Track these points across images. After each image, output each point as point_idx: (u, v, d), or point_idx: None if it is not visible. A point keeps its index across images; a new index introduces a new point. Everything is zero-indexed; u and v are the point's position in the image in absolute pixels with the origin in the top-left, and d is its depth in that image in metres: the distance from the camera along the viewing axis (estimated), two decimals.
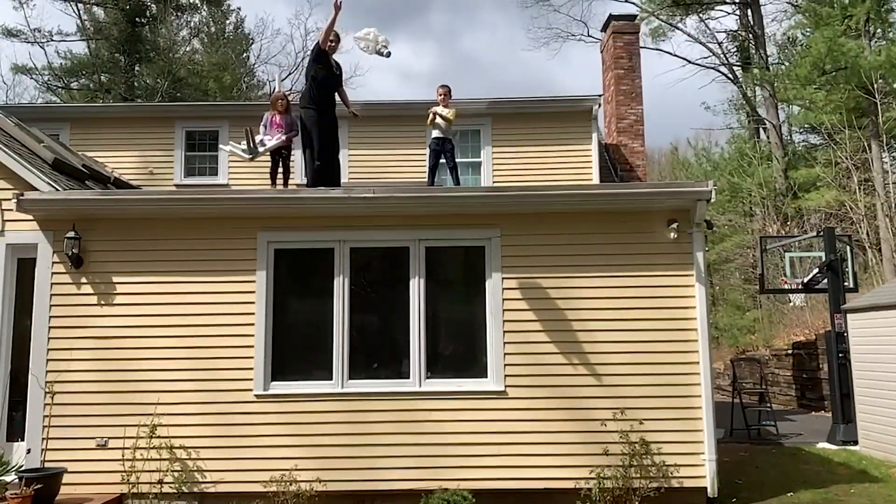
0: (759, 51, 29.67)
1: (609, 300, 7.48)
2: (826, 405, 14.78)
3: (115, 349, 7.41)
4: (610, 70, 15.44)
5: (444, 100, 9.71)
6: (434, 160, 9.81)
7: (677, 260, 7.51)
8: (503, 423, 7.31)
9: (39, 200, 7.44)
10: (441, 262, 7.86)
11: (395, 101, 14.29)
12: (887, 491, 7.82)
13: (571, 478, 7.06)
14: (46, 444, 7.19)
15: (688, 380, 7.31)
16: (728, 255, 28.38)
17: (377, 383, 7.49)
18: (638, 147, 14.95)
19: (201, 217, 7.67)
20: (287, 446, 7.24)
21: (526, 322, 7.47)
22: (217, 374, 7.40)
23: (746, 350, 22.19)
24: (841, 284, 12.11)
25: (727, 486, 7.70)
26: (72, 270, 7.52)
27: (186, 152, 13.61)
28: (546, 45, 45.43)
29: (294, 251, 7.77)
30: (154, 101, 26.31)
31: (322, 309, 7.62)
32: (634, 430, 7.10)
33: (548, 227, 7.62)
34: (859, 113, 22.75)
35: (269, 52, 61.59)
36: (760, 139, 30.10)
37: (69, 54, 30.32)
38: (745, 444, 11.34)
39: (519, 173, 13.09)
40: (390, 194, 7.64)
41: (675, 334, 7.39)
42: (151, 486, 7.02)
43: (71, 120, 13.75)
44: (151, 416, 7.17)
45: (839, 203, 21.86)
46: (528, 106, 13.64)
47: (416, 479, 7.15)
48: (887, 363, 9.63)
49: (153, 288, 7.54)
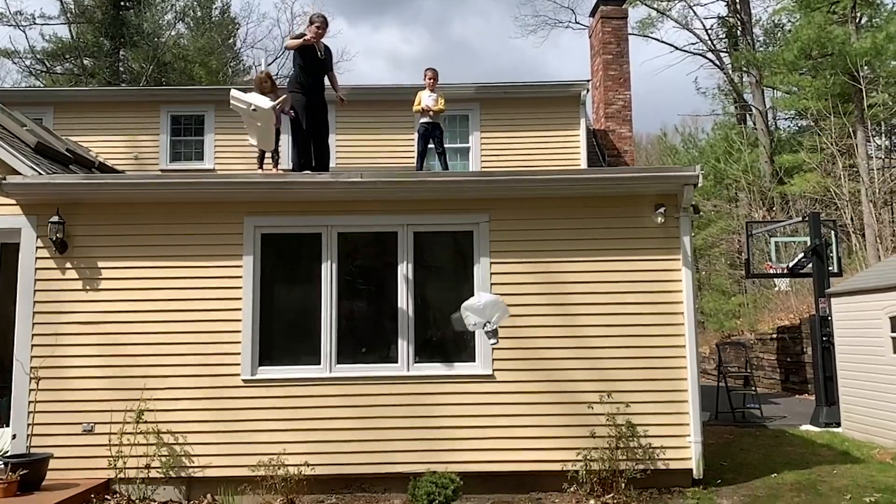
0: (745, 36, 29.74)
1: (596, 284, 7.51)
2: (810, 388, 14.96)
3: (100, 334, 7.37)
4: (598, 55, 15.43)
5: (432, 84, 9.67)
6: (423, 145, 9.78)
7: (664, 244, 7.54)
8: (491, 406, 7.35)
9: (22, 185, 7.36)
10: (429, 247, 7.86)
11: (384, 86, 14.26)
12: (869, 471, 7.94)
13: (558, 460, 7.12)
14: (32, 429, 7.16)
15: (674, 363, 7.37)
16: (714, 241, 28.55)
17: (365, 368, 7.49)
18: (626, 133, 14.99)
19: (187, 201, 7.61)
20: (275, 431, 7.25)
21: (514, 306, 7.47)
22: (204, 359, 7.37)
23: (732, 334, 22.38)
24: (825, 269, 12.21)
25: (712, 467, 7.79)
26: (56, 255, 7.45)
27: (172, 137, 13.53)
28: (534, 33, 45.39)
29: (281, 236, 7.73)
30: (139, 86, 26.02)
31: (310, 294, 7.60)
32: (621, 413, 7.15)
33: (536, 212, 7.63)
34: (844, 99, 22.86)
35: (255, 36, 61.11)
36: (746, 125, 30.23)
37: (53, 37, 29.93)
38: (730, 426, 11.47)
39: (507, 159, 13.10)
40: (378, 179, 7.62)
41: (662, 318, 7.44)
42: (138, 471, 7.00)
43: (54, 104, 13.63)
44: (138, 402, 7.14)
45: (824, 189, 22.02)
46: (517, 91, 13.62)
47: (404, 462, 7.18)
48: (870, 346, 9.75)
49: (139, 273, 7.49)
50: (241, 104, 8.08)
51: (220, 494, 7.05)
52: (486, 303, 7.05)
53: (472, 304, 7.09)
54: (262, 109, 7.96)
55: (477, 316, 7.06)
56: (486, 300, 7.08)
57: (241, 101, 8.08)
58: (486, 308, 7.04)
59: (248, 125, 8.45)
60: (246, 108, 8.06)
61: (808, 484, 7.42)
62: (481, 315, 7.05)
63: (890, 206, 22.13)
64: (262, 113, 8.00)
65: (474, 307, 7.08)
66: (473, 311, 7.07)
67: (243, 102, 8.06)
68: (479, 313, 7.06)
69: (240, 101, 8.10)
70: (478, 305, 7.07)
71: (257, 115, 8.06)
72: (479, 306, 7.06)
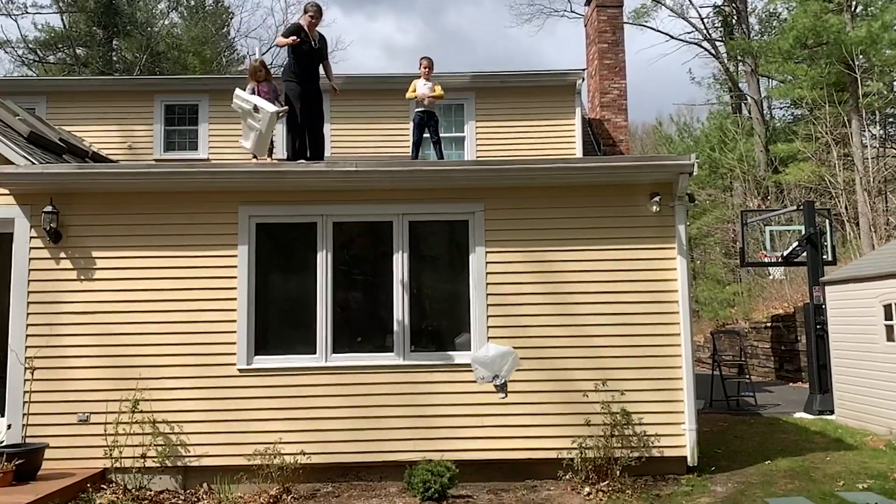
0: (741, 25, 29.70)
1: (592, 273, 7.52)
2: (803, 376, 15.04)
3: (95, 324, 7.36)
4: (593, 44, 15.39)
5: (427, 73, 9.65)
6: (418, 134, 9.76)
7: (659, 233, 7.55)
8: (487, 394, 7.36)
9: (15, 174, 7.32)
10: (425, 236, 7.85)
11: (379, 75, 14.20)
12: (861, 458, 8.00)
13: (554, 448, 7.14)
14: (27, 419, 7.16)
15: (669, 351, 7.40)
16: (709, 230, 28.62)
17: (361, 357, 7.49)
18: (621, 122, 14.98)
19: (182, 191, 7.58)
20: (271, 420, 7.25)
21: (509, 296, 7.50)
22: (200, 348, 7.37)
23: (726, 323, 22.47)
24: (820, 258, 12.25)
25: (707, 455, 7.84)
26: (50, 245, 7.43)
27: (166, 126, 13.47)
28: (529, 22, 45.26)
29: (276, 225, 7.72)
30: (133, 75, 25.87)
31: (305, 283, 7.60)
32: (616, 401, 7.18)
33: (531, 201, 7.63)
34: (839, 88, 22.87)
35: (249, 25, 60.80)
36: (741, 114, 30.23)
37: (46, 27, 29.71)
38: (724, 414, 11.53)
39: (502, 148, 13.09)
40: (373, 168, 7.60)
41: (657, 306, 7.46)
42: (134, 460, 7.01)
43: (47, 94, 13.56)
44: (134, 391, 7.15)
45: (818, 178, 22.06)
46: (512, 80, 13.60)
47: (400, 450, 7.21)
48: (863, 334, 9.79)
49: (134, 263, 7.47)
50: (245, 104, 7.92)
51: (217, 483, 7.06)
52: (493, 356, 6.91)
53: (479, 356, 6.96)
54: (265, 112, 7.73)
55: (485, 369, 6.96)
56: (494, 352, 6.90)
57: (245, 102, 7.91)
58: (495, 361, 6.91)
59: (245, 127, 8.18)
60: (248, 110, 7.86)
61: (801, 471, 7.47)
62: (489, 368, 6.94)
63: (884, 195, 22.18)
64: (264, 116, 7.77)
65: (482, 360, 6.95)
66: (481, 364, 6.97)
67: (247, 103, 7.89)
68: (486, 366, 6.97)
69: (243, 101, 7.93)
70: (485, 358, 6.95)
71: (258, 119, 7.84)
72: (487, 359, 6.94)
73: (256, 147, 8.15)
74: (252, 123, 7.96)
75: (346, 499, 6.82)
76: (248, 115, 7.95)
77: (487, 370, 6.88)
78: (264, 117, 7.76)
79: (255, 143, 8.07)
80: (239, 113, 8.13)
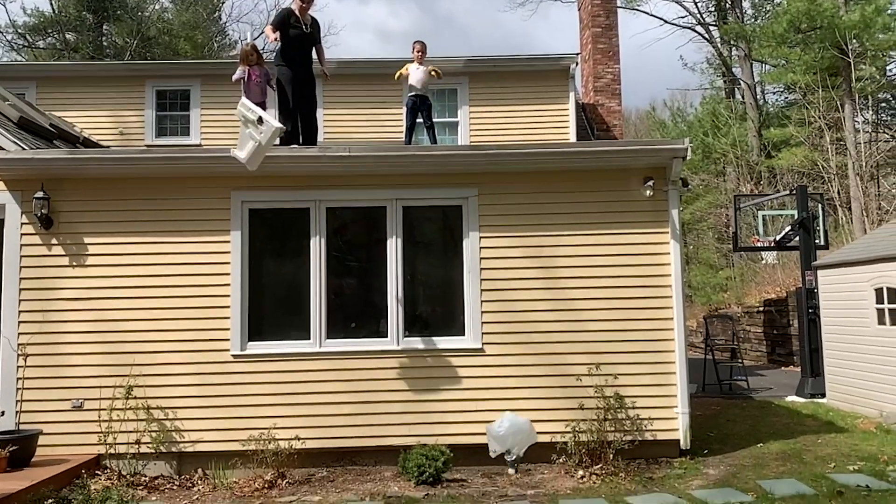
0: (734, 9, 29.62)
1: (585, 258, 7.53)
2: (795, 360, 15.15)
3: (88, 310, 7.34)
4: (587, 28, 15.31)
5: (421, 57, 9.58)
6: (411, 119, 9.71)
7: (653, 217, 7.56)
8: (480, 379, 7.39)
9: (5, 160, 7.26)
10: (418, 221, 7.84)
11: (372, 59, 14.12)
12: (852, 440, 8.07)
13: (548, 432, 7.17)
14: (21, 406, 7.15)
15: (662, 335, 7.43)
16: (702, 215, 28.65)
17: (355, 342, 7.50)
18: (615, 107, 14.93)
19: (173, 176, 7.55)
20: (265, 405, 7.27)
21: (503, 280, 7.51)
22: (193, 334, 7.36)
23: (719, 308, 22.55)
24: (812, 242, 12.30)
25: (699, 438, 7.88)
26: (42, 231, 7.39)
27: (157, 112, 13.37)
28: (522, 6, 44.98)
29: (269, 211, 7.69)
30: (123, 60, 25.64)
31: (299, 269, 7.59)
32: (609, 385, 7.21)
33: (525, 186, 7.62)
34: (833, 72, 22.87)
35: (240, 10, 60.25)
36: (735, 99, 30.21)
37: (35, 11, 29.38)
38: (716, 398, 11.61)
39: (496, 133, 13.04)
40: (367, 153, 7.57)
41: (650, 291, 7.48)
42: (129, 446, 7.01)
43: (37, 79, 13.44)
44: (128, 378, 7.14)
45: (811, 162, 22.10)
46: (506, 65, 13.53)
47: (395, 435, 7.23)
48: (855, 318, 9.86)
49: (126, 248, 7.44)
50: (250, 114, 7.80)
51: (212, 468, 7.08)
52: (506, 430, 6.83)
53: (493, 429, 6.90)
54: (269, 126, 7.59)
55: (497, 444, 6.94)
56: (507, 428, 6.83)
57: (251, 111, 7.80)
58: (508, 437, 6.84)
59: (243, 136, 7.78)
60: (252, 120, 7.73)
61: (793, 453, 7.53)
62: (501, 444, 6.89)
63: (876, 179, 22.28)
64: (267, 129, 7.66)
65: (495, 434, 6.89)
66: (494, 438, 6.91)
67: (252, 113, 7.76)
68: (499, 441, 6.93)
69: (248, 111, 7.82)
70: (498, 432, 6.88)
71: (261, 131, 7.47)
72: (500, 434, 6.87)
73: (251, 159, 8.00)
74: (253, 133, 7.84)
75: (340, 483, 6.84)
76: (250, 125, 7.86)
77: (499, 445, 6.91)
78: (267, 130, 7.64)
79: (250, 154, 7.90)
80: (241, 121, 8.03)
